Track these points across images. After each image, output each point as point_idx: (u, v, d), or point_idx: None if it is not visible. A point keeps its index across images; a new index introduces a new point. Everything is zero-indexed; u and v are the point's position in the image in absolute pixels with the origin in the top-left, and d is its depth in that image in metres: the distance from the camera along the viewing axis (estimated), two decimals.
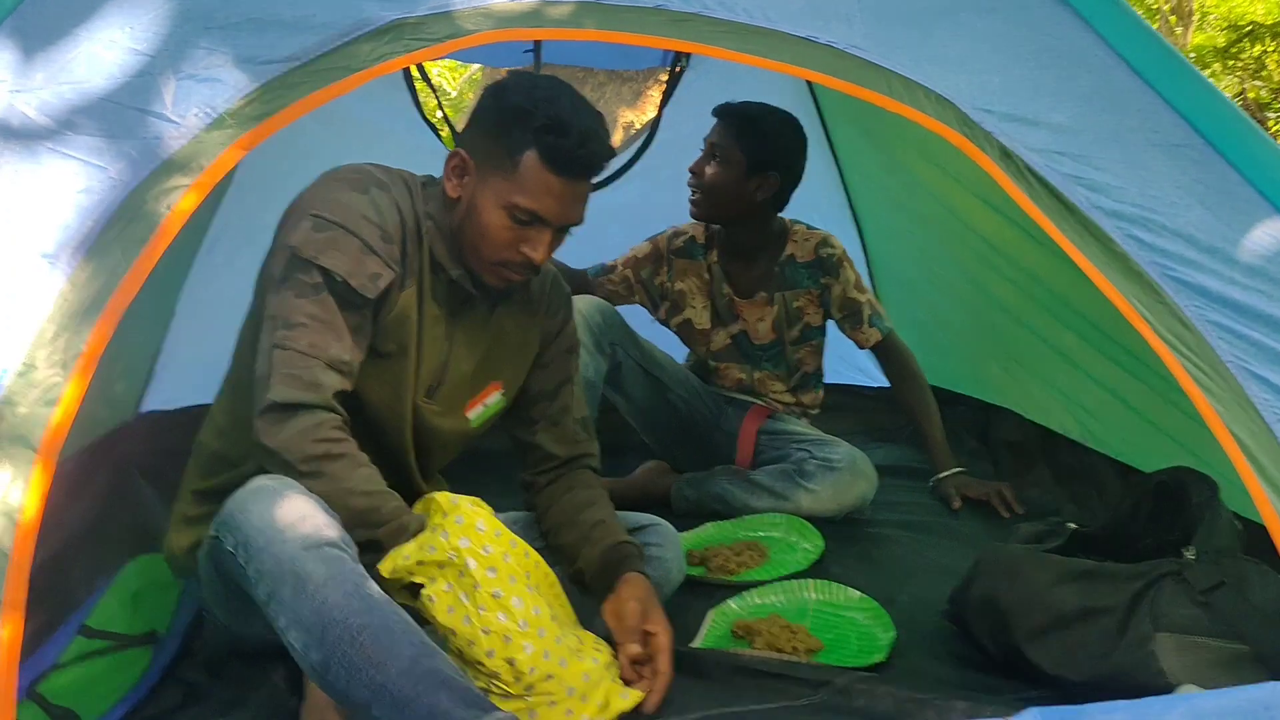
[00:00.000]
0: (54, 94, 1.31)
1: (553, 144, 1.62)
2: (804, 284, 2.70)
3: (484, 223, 1.67)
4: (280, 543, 1.40)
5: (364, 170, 1.69)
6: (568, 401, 1.95)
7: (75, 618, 1.93)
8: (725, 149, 2.59)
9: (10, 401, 1.21)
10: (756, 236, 2.71)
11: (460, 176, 1.70)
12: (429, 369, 1.76)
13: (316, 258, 1.57)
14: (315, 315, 1.58)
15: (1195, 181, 1.48)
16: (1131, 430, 2.38)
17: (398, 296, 1.67)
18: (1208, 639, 1.57)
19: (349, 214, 1.60)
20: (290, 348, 1.57)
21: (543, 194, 1.64)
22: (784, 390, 2.79)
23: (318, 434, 1.55)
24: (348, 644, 1.33)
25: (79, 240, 1.27)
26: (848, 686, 1.60)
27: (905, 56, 1.48)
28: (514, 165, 1.64)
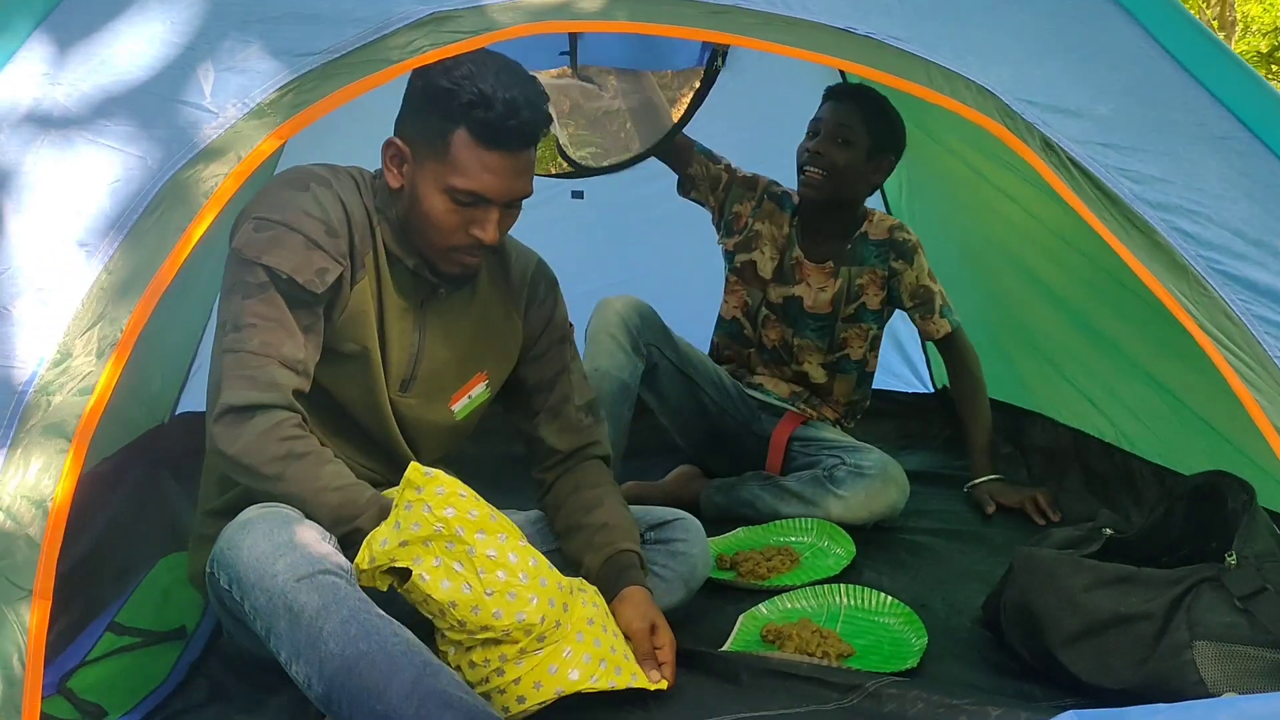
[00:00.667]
0: (93, 85, 1.32)
1: (480, 119, 1.58)
2: (871, 261, 2.68)
3: (426, 209, 1.64)
4: (271, 577, 1.39)
5: (305, 169, 1.67)
6: (567, 391, 1.92)
7: (106, 614, 1.95)
8: (851, 131, 2.58)
9: (45, 390, 1.21)
10: (848, 217, 2.71)
11: (399, 165, 1.67)
12: (398, 362, 1.73)
13: (260, 257, 1.55)
14: (263, 315, 1.56)
15: (1241, 174, 1.46)
16: (1170, 431, 2.33)
17: (349, 293, 1.64)
18: (1247, 646, 1.54)
19: (290, 212, 1.58)
20: (241, 349, 1.55)
21: (479, 171, 1.60)
22: (819, 363, 2.75)
23: (279, 434, 1.54)
24: (346, 675, 1.32)
25: (115, 228, 1.28)
26: (879, 691, 1.58)
27: (946, 47, 1.47)
28: (445, 147, 1.60)
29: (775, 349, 2.78)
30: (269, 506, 1.51)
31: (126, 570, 2.12)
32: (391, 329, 1.71)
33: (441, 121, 1.60)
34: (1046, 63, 1.50)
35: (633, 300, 2.58)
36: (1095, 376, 2.65)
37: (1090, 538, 1.87)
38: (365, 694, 1.32)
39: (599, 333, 2.50)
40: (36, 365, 1.21)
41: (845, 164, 2.59)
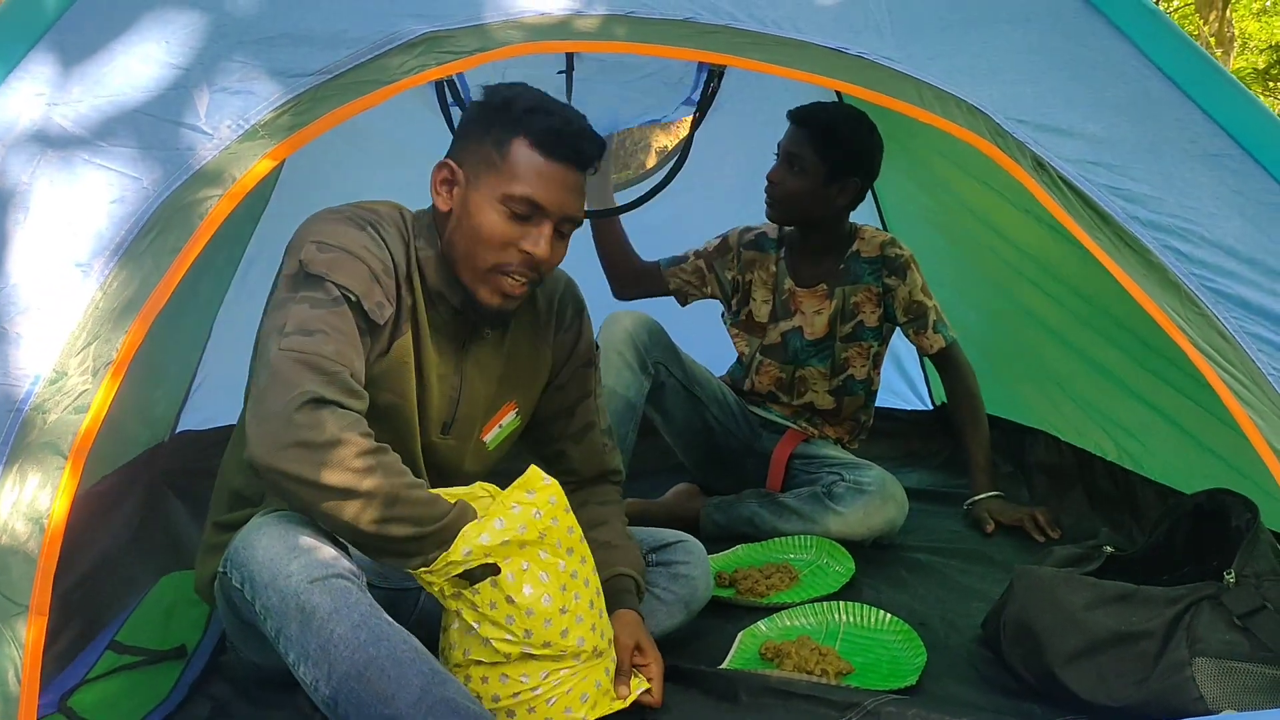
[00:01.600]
0: (90, 106, 1.33)
1: (540, 125, 1.59)
2: (865, 279, 2.67)
3: (478, 224, 1.61)
4: (285, 577, 1.38)
5: (354, 210, 1.63)
6: (592, 418, 1.91)
7: (107, 633, 1.95)
8: (803, 158, 2.56)
9: (41, 408, 1.22)
10: (829, 238, 2.69)
11: (449, 188, 1.66)
12: (440, 407, 1.72)
13: (328, 274, 1.51)
14: (336, 326, 1.49)
15: (1234, 192, 1.46)
16: (1172, 451, 2.33)
17: (390, 341, 1.62)
18: (1247, 664, 1.54)
19: (353, 242, 1.56)
20: (315, 353, 1.45)
21: (535, 178, 1.59)
22: (826, 389, 2.75)
23: (361, 429, 1.45)
24: (355, 679, 1.32)
25: (112, 249, 1.28)
26: (877, 709, 1.58)
27: (937, 67, 1.48)
28: (503, 157, 1.60)
29: (772, 391, 2.79)
30: (284, 511, 1.51)
31: (127, 588, 2.13)
32: (431, 377, 1.69)
33: (501, 131, 1.60)
34: (1038, 82, 1.51)
35: (642, 317, 2.59)
36: (1094, 398, 2.65)
37: (1091, 556, 1.87)
38: (374, 699, 1.31)
39: (607, 350, 2.50)
40: (32, 383, 1.22)
41: (799, 190, 2.57)
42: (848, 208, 2.65)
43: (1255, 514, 1.71)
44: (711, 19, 1.47)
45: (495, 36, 1.45)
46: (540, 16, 1.47)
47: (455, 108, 2.64)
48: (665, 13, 1.47)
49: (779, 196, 2.60)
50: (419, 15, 1.45)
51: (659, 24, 1.47)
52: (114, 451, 2.33)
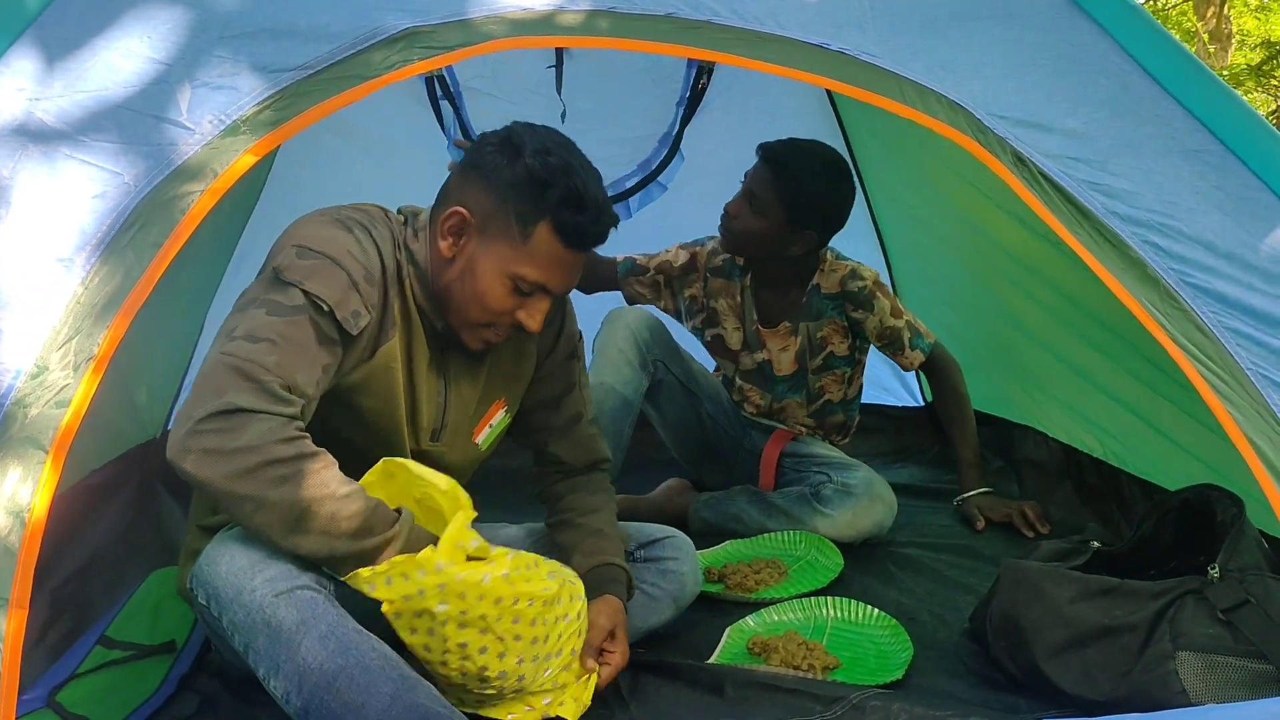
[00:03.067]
0: (72, 101, 1.34)
1: (569, 220, 1.56)
2: (828, 314, 2.62)
3: (482, 289, 1.60)
4: (249, 592, 1.37)
5: (343, 212, 1.60)
6: (578, 409, 1.91)
7: (96, 627, 1.95)
8: (764, 200, 2.45)
9: (22, 403, 1.22)
10: (786, 272, 2.62)
11: (457, 236, 1.61)
12: (429, 416, 1.71)
13: (302, 281, 1.47)
14: (287, 336, 1.44)
15: (1213, 187, 1.47)
16: (1157, 449, 2.34)
17: (373, 345, 1.59)
18: (1230, 658, 1.54)
19: (335, 248, 1.51)
20: (253, 360, 1.40)
21: (552, 267, 1.59)
22: (805, 415, 2.75)
23: (284, 434, 1.38)
24: (325, 690, 1.32)
25: (94, 244, 1.29)
26: (862, 703, 1.58)
27: (918, 63, 1.48)
28: (525, 236, 1.57)
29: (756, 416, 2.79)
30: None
31: (117, 584, 2.13)
32: (420, 383, 1.68)
33: (528, 207, 1.56)
34: (1019, 78, 1.51)
35: (643, 314, 2.58)
36: (1076, 400, 2.66)
37: (1077, 550, 1.88)
38: (344, 709, 1.32)
39: (608, 347, 2.50)
40: (13, 378, 1.22)
41: (754, 231, 2.48)
42: (803, 255, 2.56)
43: (1241, 509, 1.71)
44: (693, 14, 1.47)
45: (478, 31, 1.45)
46: (523, 11, 1.47)
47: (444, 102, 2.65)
48: (647, 8, 1.47)
49: (734, 230, 2.51)
50: (401, 10, 1.45)
51: (641, 19, 1.47)
52: (103, 447, 2.33)
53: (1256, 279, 1.42)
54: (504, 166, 1.59)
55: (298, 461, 1.37)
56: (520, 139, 1.60)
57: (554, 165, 1.56)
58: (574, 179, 1.56)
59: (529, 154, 1.57)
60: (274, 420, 1.37)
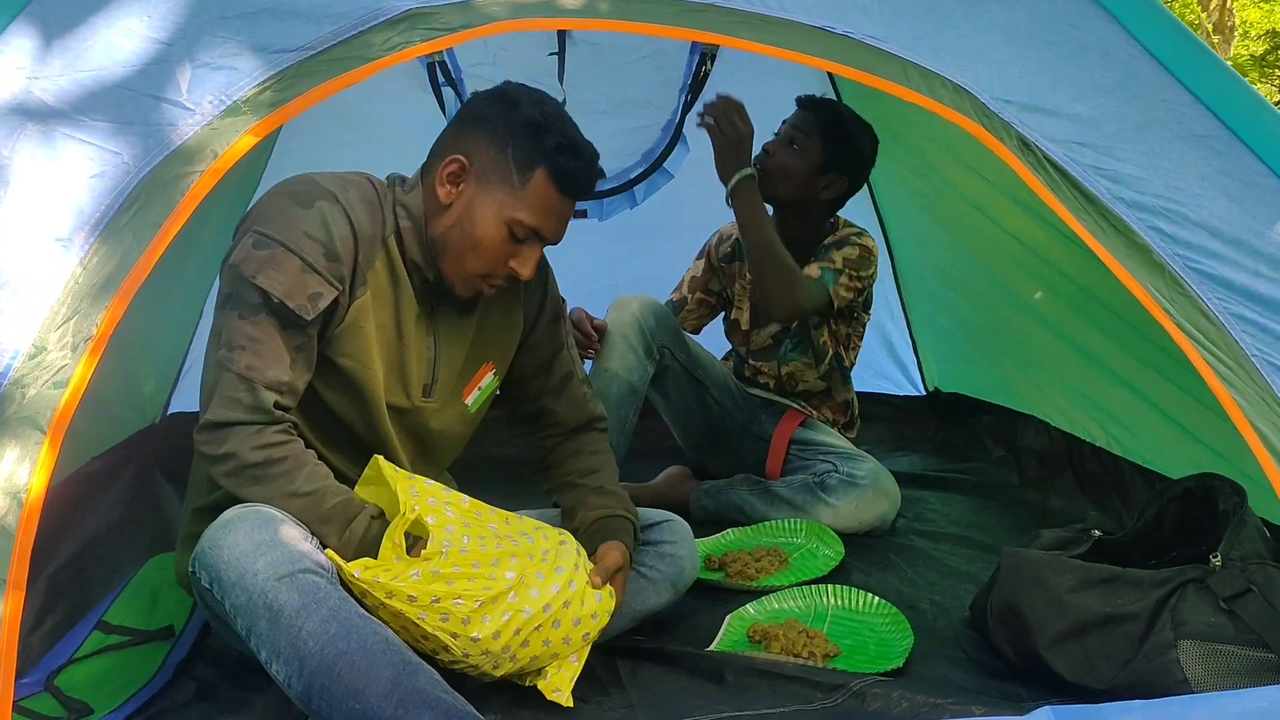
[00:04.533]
0: (71, 81, 1.33)
1: (565, 165, 1.62)
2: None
3: (479, 234, 1.64)
4: (251, 575, 1.39)
5: (313, 182, 1.62)
6: (569, 369, 1.94)
7: (94, 613, 1.95)
8: (805, 139, 2.57)
9: (20, 383, 1.21)
10: (808, 230, 2.66)
11: (456, 183, 1.65)
12: (418, 371, 1.74)
13: (254, 277, 1.53)
14: (253, 337, 1.55)
15: (1220, 173, 1.46)
16: (1160, 437, 2.33)
17: (344, 312, 1.62)
18: (1232, 646, 1.54)
19: (291, 231, 1.55)
20: (230, 369, 1.55)
21: (547, 212, 1.64)
22: (816, 378, 2.74)
23: (257, 441, 1.54)
24: (325, 674, 1.33)
25: (92, 224, 1.28)
26: (863, 691, 1.58)
27: (923, 47, 1.47)
28: (523, 182, 1.62)
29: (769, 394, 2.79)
30: (251, 506, 1.52)
31: (116, 569, 2.12)
32: (409, 339, 1.71)
33: (525, 155, 1.62)
34: (1025, 62, 1.50)
35: (649, 301, 2.59)
36: (1081, 384, 2.66)
37: (1078, 539, 1.87)
38: (344, 693, 1.33)
39: (613, 333, 2.51)
40: (11, 358, 1.22)
41: (791, 169, 2.58)
42: (828, 204, 2.65)
43: (1243, 498, 1.71)
44: None
45: (480, 13, 1.44)
46: None
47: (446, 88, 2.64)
48: None
49: (770, 168, 2.59)
50: None
51: (644, 2, 1.46)
52: (102, 433, 2.33)
53: (1262, 265, 1.41)
54: (502, 116, 1.64)
55: (265, 466, 1.54)
56: (516, 92, 1.67)
57: (550, 114, 1.63)
58: (567, 126, 1.64)
59: (527, 104, 1.63)
60: (247, 429, 1.55)
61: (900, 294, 3.47)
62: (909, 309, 3.48)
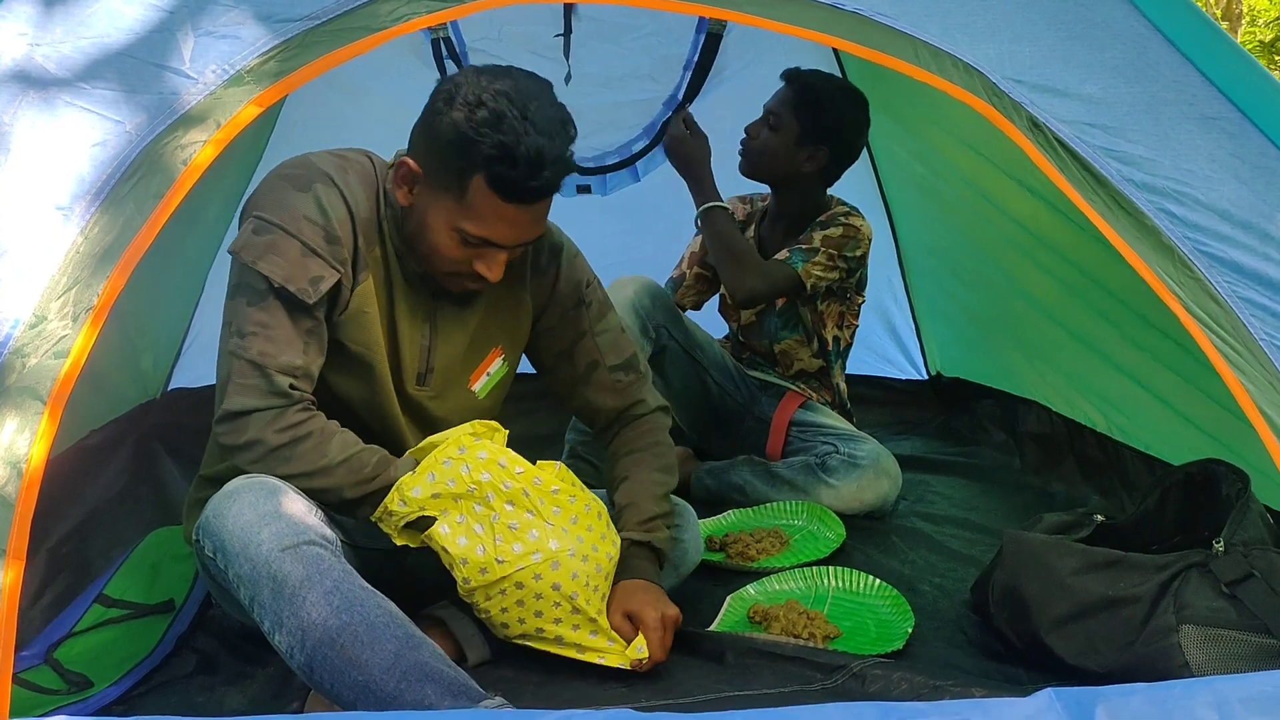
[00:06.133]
0: (73, 48, 1.31)
1: (502, 175, 1.51)
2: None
3: (434, 242, 1.59)
4: (255, 546, 1.39)
5: (310, 164, 1.61)
6: (595, 356, 1.87)
7: (94, 586, 1.96)
8: (780, 115, 2.58)
9: (20, 353, 1.21)
10: (802, 206, 2.67)
11: (409, 185, 1.60)
12: (411, 358, 1.71)
13: (255, 263, 1.53)
14: (263, 323, 1.54)
15: (1231, 155, 1.44)
16: (1161, 423, 2.33)
17: (349, 295, 1.61)
18: (1234, 631, 1.54)
19: (289, 215, 1.54)
20: (242, 356, 1.54)
21: (494, 220, 1.56)
22: (810, 356, 2.74)
23: (280, 424, 1.53)
24: (328, 646, 1.33)
25: (93, 193, 1.27)
26: (863, 672, 1.58)
27: (933, 24, 1.45)
28: (461, 190, 1.54)
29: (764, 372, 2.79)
30: (256, 476, 1.52)
31: (116, 543, 2.13)
32: (403, 325, 1.69)
33: (462, 163, 1.53)
34: (1036, 41, 1.48)
35: (645, 281, 2.58)
36: (1084, 370, 2.65)
37: (1081, 523, 1.87)
38: (347, 665, 1.33)
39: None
40: (11, 327, 1.21)
41: (769, 147, 2.59)
42: (815, 176, 2.63)
43: (1246, 483, 1.71)
44: None
45: None
46: None
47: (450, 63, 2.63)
48: None
49: (750, 149, 2.62)
50: None
51: None
52: (103, 406, 2.33)
53: (1272, 249, 1.40)
54: (438, 119, 1.55)
55: (292, 445, 1.53)
56: (457, 89, 1.54)
57: (481, 119, 1.49)
58: (504, 133, 1.49)
59: (458, 106, 1.52)
60: (266, 414, 1.53)
61: (904, 278, 3.46)
62: (912, 293, 3.47)
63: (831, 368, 2.76)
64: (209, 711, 1.56)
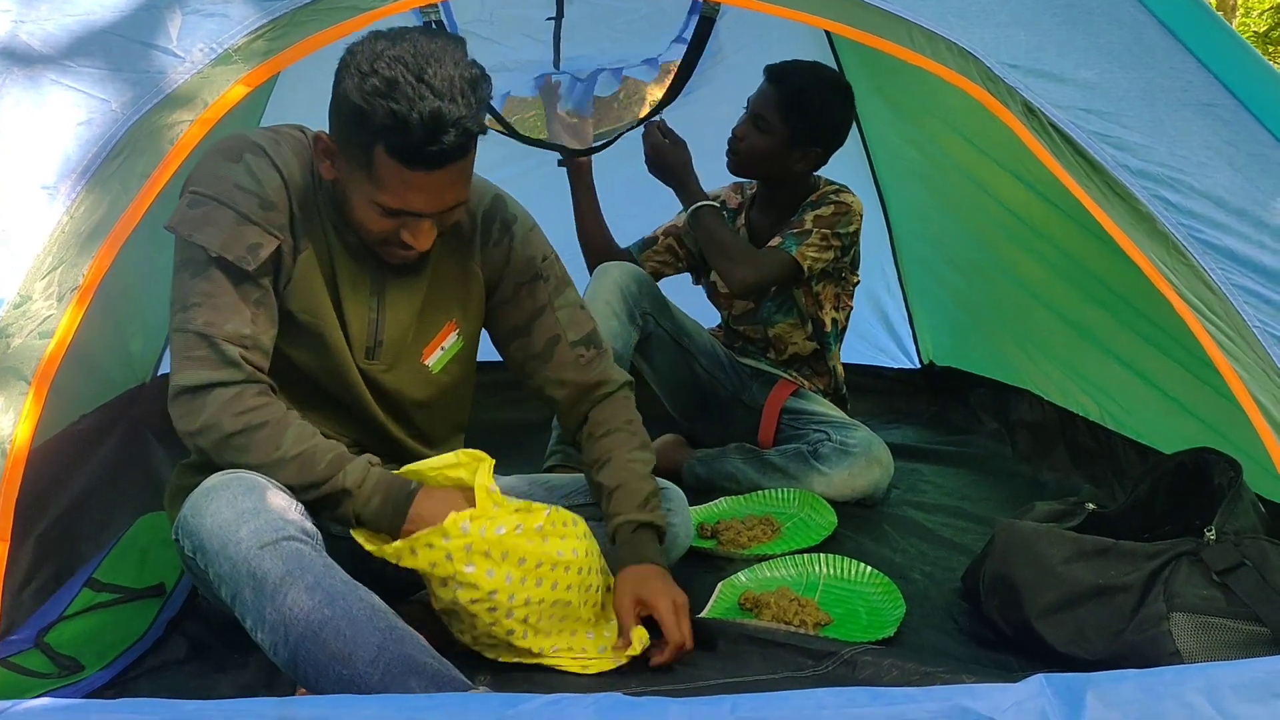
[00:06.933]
0: (58, 25, 1.30)
1: (398, 143, 1.45)
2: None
3: (358, 216, 1.56)
4: (234, 544, 1.37)
5: (240, 136, 1.59)
6: (555, 331, 1.82)
7: (84, 570, 1.95)
8: (768, 119, 2.54)
9: (4, 333, 1.20)
10: (792, 194, 2.65)
11: (329, 160, 1.57)
12: (358, 331, 1.69)
13: (191, 235, 1.51)
14: (206, 292, 1.52)
15: (1226, 142, 1.44)
16: (1153, 411, 2.33)
17: (292, 263, 1.60)
18: (1224, 620, 1.54)
19: (221, 185, 1.52)
20: (188, 329, 1.52)
21: (404, 190, 1.51)
22: (804, 339, 2.73)
23: (235, 408, 1.51)
24: (311, 641, 1.32)
25: (79, 172, 1.26)
26: (854, 658, 1.58)
27: (928, 8, 1.44)
28: (368, 163, 1.50)
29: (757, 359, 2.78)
30: (235, 473, 1.49)
31: (105, 527, 2.12)
32: (346, 299, 1.66)
33: (361, 135, 1.48)
34: (1031, 26, 1.47)
35: (631, 268, 2.57)
36: (1077, 358, 2.65)
37: (1072, 512, 1.87)
38: (331, 660, 1.32)
39: (595, 300, 2.48)
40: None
41: (760, 150, 2.56)
42: (807, 173, 2.63)
43: (1238, 472, 1.71)
44: None
45: None
46: None
47: None
48: None
49: (740, 151, 2.59)
50: None
51: None
52: (92, 390, 2.31)
53: (1266, 236, 1.39)
54: (338, 90, 1.51)
55: (246, 433, 1.51)
56: (352, 58, 1.48)
57: (372, 88, 1.43)
58: (396, 100, 1.42)
59: (351, 74, 1.46)
60: (223, 392, 1.51)
61: (897, 266, 3.45)
62: (905, 282, 3.46)
63: (828, 351, 2.75)
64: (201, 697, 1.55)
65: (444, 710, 1.11)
